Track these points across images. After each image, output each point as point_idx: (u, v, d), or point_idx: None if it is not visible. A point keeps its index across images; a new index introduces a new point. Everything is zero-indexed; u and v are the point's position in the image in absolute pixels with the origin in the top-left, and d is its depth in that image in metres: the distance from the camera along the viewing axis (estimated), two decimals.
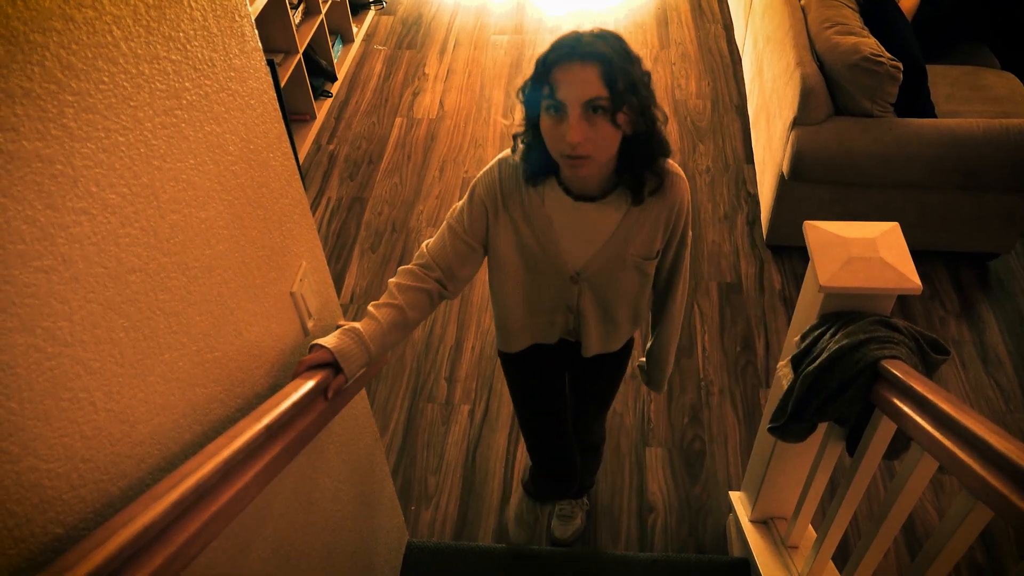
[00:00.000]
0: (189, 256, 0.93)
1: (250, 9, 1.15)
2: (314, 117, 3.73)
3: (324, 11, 3.76)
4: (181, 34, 0.89)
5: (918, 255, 2.93)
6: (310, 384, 1.17)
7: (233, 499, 0.91)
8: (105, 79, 0.76)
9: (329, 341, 1.28)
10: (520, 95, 1.29)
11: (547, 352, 1.73)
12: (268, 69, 1.14)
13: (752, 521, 2.06)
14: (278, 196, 1.20)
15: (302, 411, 1.15)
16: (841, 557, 1.98)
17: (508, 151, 1.43)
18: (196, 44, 0.93)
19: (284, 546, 1.28)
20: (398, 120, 3.83)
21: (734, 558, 2.11)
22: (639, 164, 1.35)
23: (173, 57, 0.88)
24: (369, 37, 4.38)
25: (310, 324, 1.34)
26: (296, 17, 3.52)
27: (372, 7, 4.50)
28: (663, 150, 1.36)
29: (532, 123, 1.31)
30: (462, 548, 2.18)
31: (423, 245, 1.51)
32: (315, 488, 1.43)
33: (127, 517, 0.74)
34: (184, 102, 0.91)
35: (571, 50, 1.19)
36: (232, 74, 1.03)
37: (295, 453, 1.11)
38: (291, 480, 1.29)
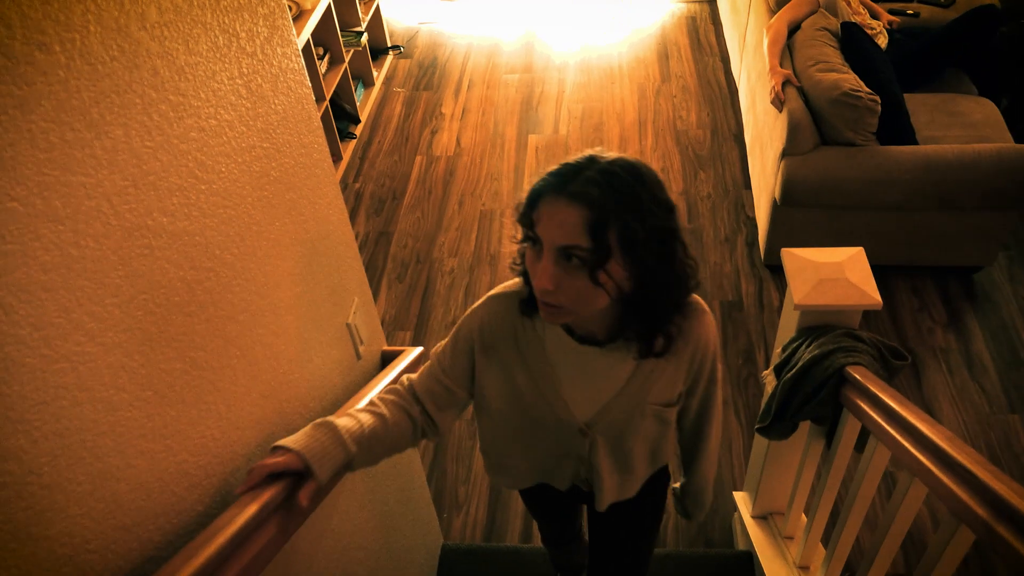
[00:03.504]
0: (277, 298, 1.19)
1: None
2: (340, 158, 4.01)
3: (348, 59, 4.06)
4: (269, 124, 1.16)
5: (907, 270, 3.20)
6: (253, 508, 0.97)
7: None
8: (222, 169, 1.02)
9: (298, 441, 1.10)
10: (515, 214, 1.11)
11: (557, 492, 1.49)
12: (327, 143, 1.41)
13: (753, 517, 2.27)
14: (336, 243, 1.46)
15: (246, 537, 0.96)
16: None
17: (503, 286, 1.26)
18: (279, 131, 1.19)
19: (345, 538, 1.52)
20: (418, 158, 4.11)
21: (739, 551, 2.32)
22: (643, 325, 1.14)
23: (264, 145, 1.14)
24: (389, 80, 4.69)
25: (361, 349, 1.60)
26: (323, 67, 3.82)
27: (391, 52, 4.80)
28: (679, 308, 1.16)
29: (521, 251, 1.14)
30: (492, 549, 2.41)
31: (403, 378, 1.36)
32: (367, 490, 1.67)
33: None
34: (271, 178, 1.17)
35: (561, 184, 1.01)
36: (302, 150, 1.29)
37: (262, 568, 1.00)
38: (348, 482, 1.54)
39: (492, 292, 1.27)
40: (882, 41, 3.33)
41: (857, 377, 1.49)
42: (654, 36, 4.86)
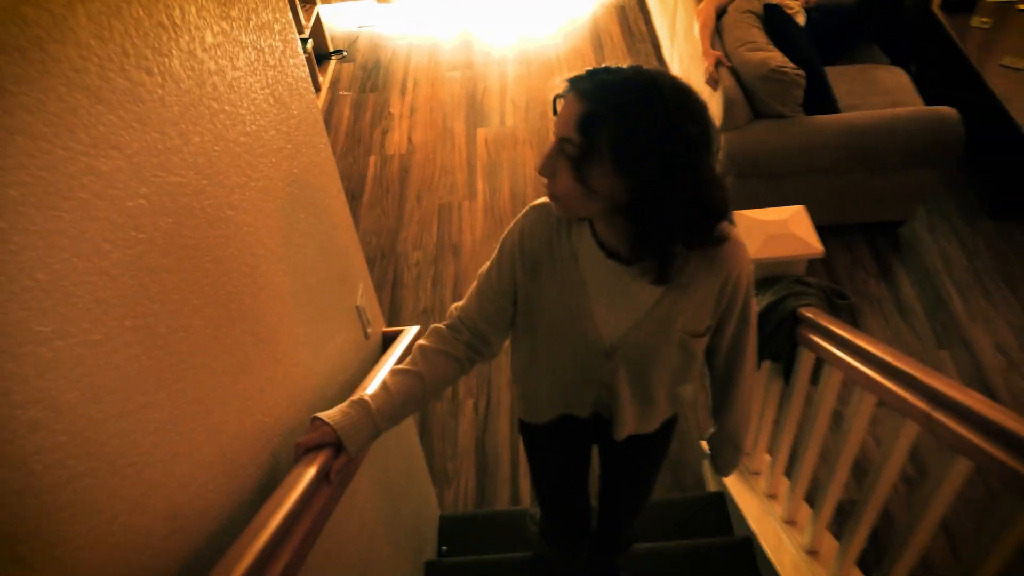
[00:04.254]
0: (306, 282, 1.34)
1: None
2: None
3: None
4: (290, 128, 1.31)
5: (840, 228, 3.48)
6: (311, 472, 1.10)
7: None
8: (263, 168, 1.17)
9: (332, 416, 1.20)
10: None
11: (577, 425, 1.52)
12: (335, 164, 1.56)
13: None
14: (343, 233, 1.61)
15: (306, 503, 1.07)
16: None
17: (544, 197, 1.23)
18: (297, 133, 1.34)
19: (366, 514, 1.67)
20: (372, 158, 4.24)
21: (712, 492, 2.55)
22: (654, 246, 1.14)
23: (288, 146, 1.29)
24: (335, 84, 4.79)
25: (368, 330, 1.75)
26: None
27: (334, 57, 4.90)
28: (695, 237, 1.14)
29: None
30: (485, 514, 2.59)
31: (452, 306, 1.41)
32: (382, 470, 1.82)
33: None
34: (294, 176, 1.32)
35: (577, 80, 1.07)
36: (314, 150, 1.44)
37: (311, 544, 1.08)
38: (367, 467, 1.68)
39: (533, 202, 1.29)
40: (801, 19, 3.60)
41: (810, 316, 1.71)
42: (587, 26, 5.07)
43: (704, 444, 1.65)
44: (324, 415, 1.21)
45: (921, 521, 1.31)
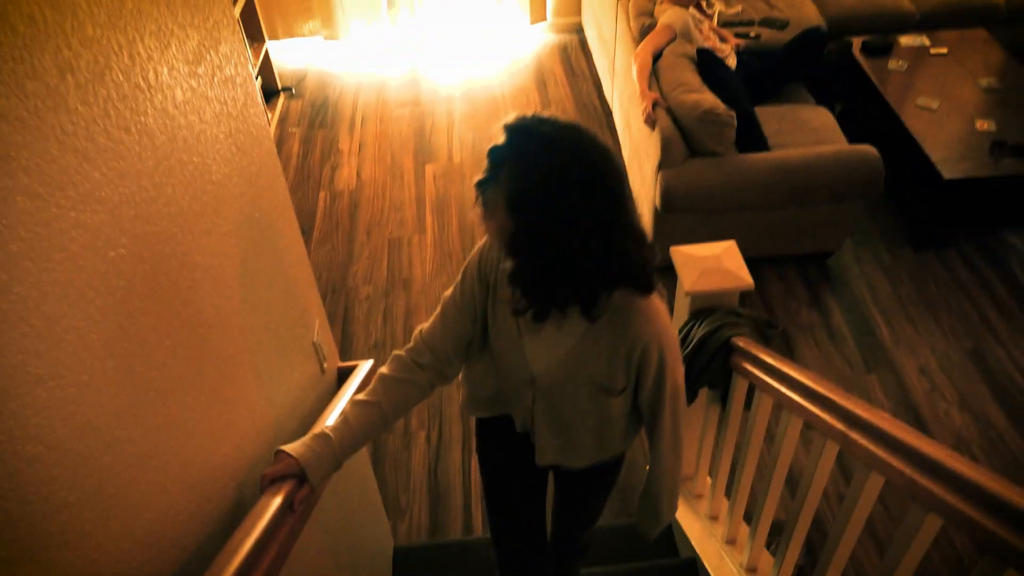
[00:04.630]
0: (268, 320, 1.41)
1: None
2: None
3: None
4: (251, 174, 1.38)
5: (773, 260, 3.67)
6: (276, 501, 1.16)
7: None
8: (228, 214, 1.24)
9: (296, 449, 1.26)
10: None
11: (516, 436, 1.61)
12: (292, 206, 1.63)
13: None
14: (301, 272, 1.68)
15: (272, 532, 1.12)
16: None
17: None
18: (258, 179, 1.41)
19: (318, 543, 1.72)
20: (322, 194, 4.29)
21: None
22: (551, 287, 1.20)
23: (250, 192, 1.36)
24: (283, 121, 4.84)
25: (325, 365, 1.81)
26: None
27: (282, 94, 4.96)
28: (586, 286, 1.20)
29: None
30: (439, 544, 2.64)
31: (417, 329, 1.48)
32: (336, 501, 1.87)
33: None
34: (256, 219, 1.39)
35: (517, 119, 1.18)
36: (273, 194, 1.51)
37: (279, 569, 1.11)
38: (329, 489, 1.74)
39: None
40: (732, 62, 3.81)
41: (741, 345, 1.83)
42: (531, 66, 5.24)
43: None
44: (288, 448, 1.27)
45: (844, 532, 1.42)
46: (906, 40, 4.24)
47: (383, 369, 1.45)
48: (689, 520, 2.41)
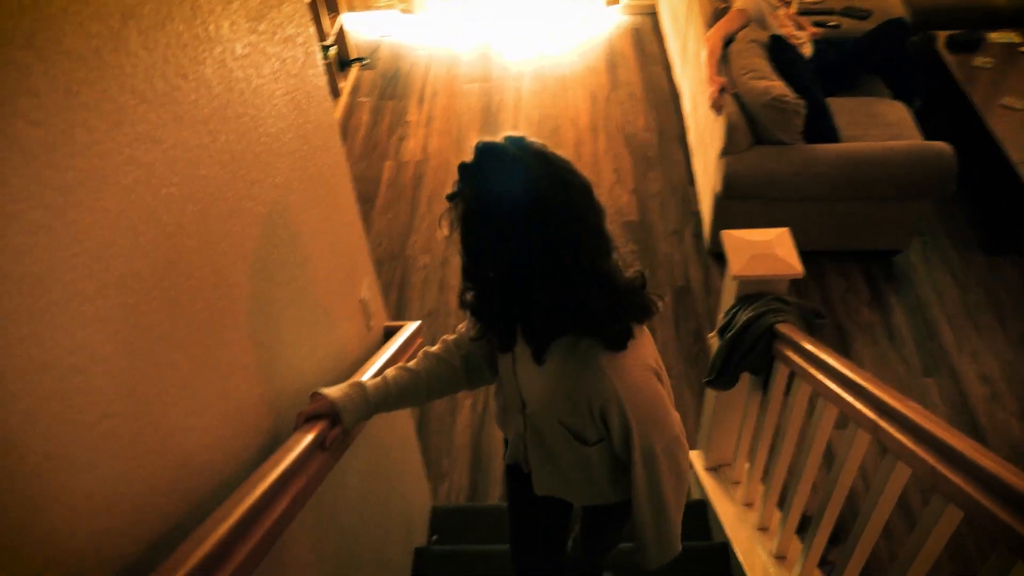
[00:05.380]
0: (315, 273, 1.47)
1: None
2: None
3: None
4: (306, 132, 1.44)
5: (835, 255, 3.59)
6: (309, 437, 1.22)
7: (249, 555, 0.95)
8: (281, 166, 1.30)
9: (332, 392, 1.33)
10: None
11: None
12: (347, 167, 1.69)
13: (706, 469, 2.60)
14: (351, 231, 1.74)
15: (303, 464, 1.17)
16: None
17: None
18: (313, 137, 1.47)
19: (360, 491, 1.79)
20: (387, 163, 4.38)
21: (696, 499, 2.65)
22: (499, 319, 1.24)
23: (304, 148, 1.42)
24: (355, 91, 4.94)
25: (371, 322, 1.87)
26: None
27: (356, 64, 5.06)
28: (530, 328, 1.19)
29: None
30: (475, 507, 2.70)
31: (459, 326, 1.51)
32: (374, 456, 1.94)
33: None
34: (309, 175, 1.45)
35: (506, 140, 1.13)
36: (327, 152, 1.57)
37: (299, 509, 1.13)
38: (359, 448, 1.81)
39: None
40: (807, 50, 3.72)
41: (784, 331, 1.82)
42: (602, 47, 5.21)
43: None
44: (324, 390, 1.34)
45: (866, 525, 1.41)
46: (995, 36, 4.06)
47: (428, 348, 1.50)
48: (724, 505, 2.41)
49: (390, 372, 1.43)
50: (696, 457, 2.70)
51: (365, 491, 1.81)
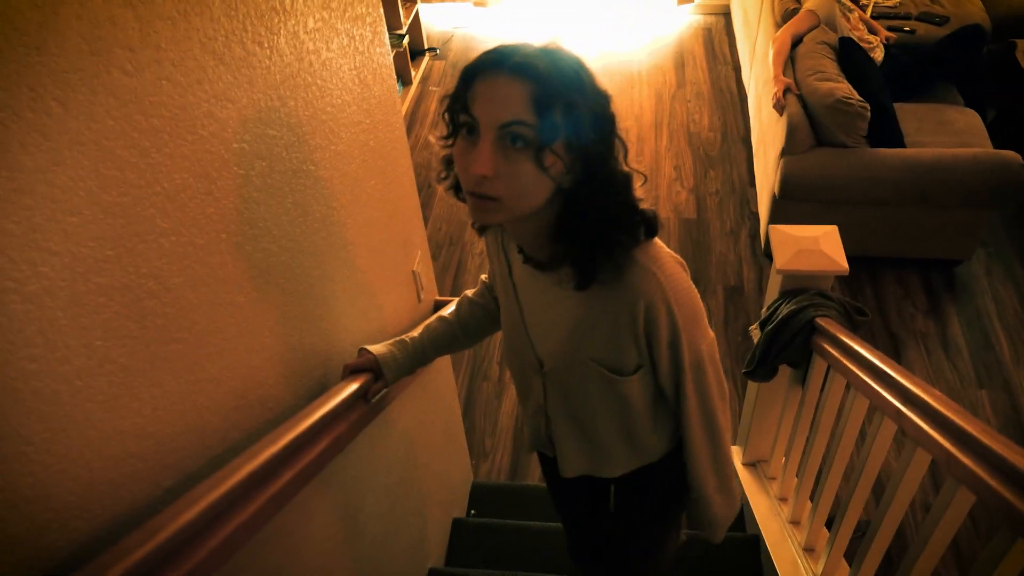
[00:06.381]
0: (369, 240, 1.56)
1: None
2: None
3: None
4: (370, 106, 1.53)
5: (894, 262, 3.55)
6: (353, 387, 1.31)
7: (292, 479, 1.06)
8: (343, 136, 1.39)
9: (377, 348, 1.40)
10: (442, 110, 1.01)
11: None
12: (407, 142, 1.78)
13: (744, 464, 2.62)
14: (408, 204, 1.83)
15: (346, 410, 1.27)
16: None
17: None
18: (376, 111, 1.56)
19: (405, 454, 1.89)
20: None
21: None
22: (581, 240, 1.02)
23: (366, 121, 1.51)
24: (425, 80, 5.07)
25: (422, 294, 1.96)
26: None
27: (427, 54, 5.19)
28: (625, 229, 1.03)
29: (447, 156, 1.08)
30: (515, 486, 2.78)
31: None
32: (418, 424, 2.04)
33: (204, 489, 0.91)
34: (369, 147, 1.54)
35: (500, 59, 0.93)
36: (389, 128, 1.66)
37: (339, 450, 1.22)
38: (407, 408, 1.90)
39: None
40: (878, 55, 3.67)
41: (824, 325, 1.84)
42: (671, 45, 5.22)
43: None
44: (370, 347, 1.44)
45: (886, 515, 1.44)
46: None
47: (468, 290, 1.57)
48: (757, 498, 2.43)
49: (431, 322, 1.50)
50: (735, 453, 2.72)
51: (408, 457, 1.91)
